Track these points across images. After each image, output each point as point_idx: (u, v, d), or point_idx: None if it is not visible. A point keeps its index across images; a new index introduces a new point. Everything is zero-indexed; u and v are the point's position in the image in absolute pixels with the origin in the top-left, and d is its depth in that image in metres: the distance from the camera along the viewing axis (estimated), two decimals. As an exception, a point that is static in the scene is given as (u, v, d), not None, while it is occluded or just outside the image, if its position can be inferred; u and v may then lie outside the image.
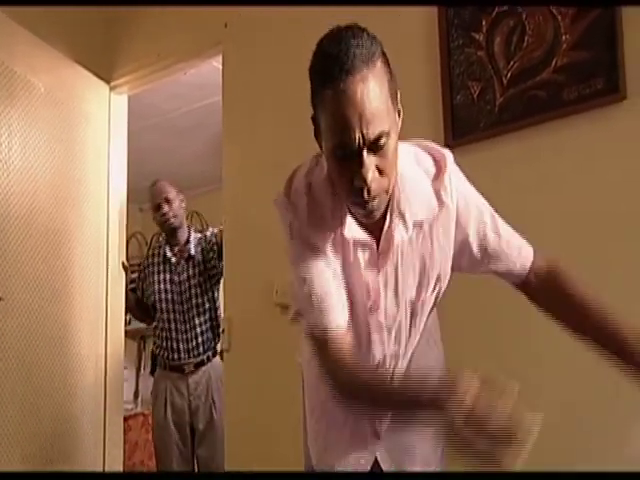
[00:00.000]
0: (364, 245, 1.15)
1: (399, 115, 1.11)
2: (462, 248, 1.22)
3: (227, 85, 2.78)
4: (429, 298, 1.23)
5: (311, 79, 1.05)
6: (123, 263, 3.16)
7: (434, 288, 1.22)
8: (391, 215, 1.13)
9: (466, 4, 2.11)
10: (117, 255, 3.14)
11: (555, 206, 1.95)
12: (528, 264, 1.29)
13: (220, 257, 2.99)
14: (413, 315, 1.23)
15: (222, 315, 2.73)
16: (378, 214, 1.09)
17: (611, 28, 1.84)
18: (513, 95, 2.00)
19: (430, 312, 1.28)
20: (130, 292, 3.22)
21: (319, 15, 2.47)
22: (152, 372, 3.30)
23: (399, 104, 1.10)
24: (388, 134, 1.02)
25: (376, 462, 1.32)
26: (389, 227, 1.13)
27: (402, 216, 1.13)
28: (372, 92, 1.00)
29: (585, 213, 1.90)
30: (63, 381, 2.76)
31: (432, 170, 1.17)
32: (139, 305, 3.22)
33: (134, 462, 4.22)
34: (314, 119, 1.08)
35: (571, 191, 1.93)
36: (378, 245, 1.15)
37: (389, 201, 1.11)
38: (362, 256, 1.16)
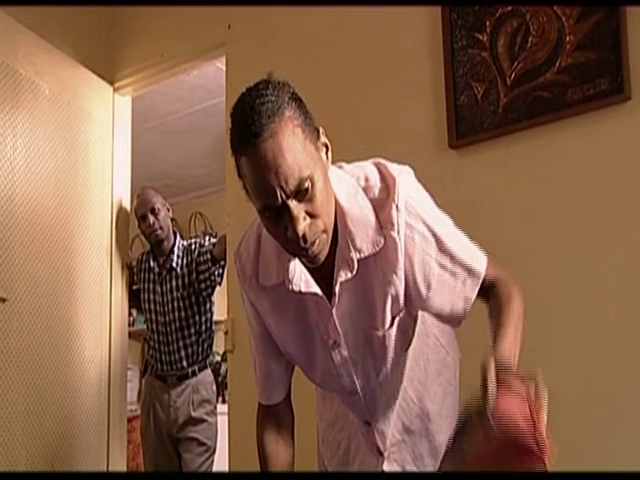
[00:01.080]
0: (312, 293, 1.14)
1: (327, 149, 1.08)
2: (407, 281, 1.15)
3: (230, 86, 2.78)
4: (391, 331, 1.19)
5: (231, 151, 1.04)
6: (127, 264, 3.17)
7: (392, 321, 1.18)
8: (337, 257, 1.11)
9: (469, 3, 2.11)
10: (121, 256, 3.14)
11: (560, 206, 1.95)
12: (475, 290, 1.17)
13: (215, 264, 2.97)
14: (378, 347, 1.21)
15: (226, 317, 2.73)
16: (322, 256, 1.07)
17: (616, 28, 1.84)
18: (517, 96, 2.00)
19: (407, 345, 1.25)
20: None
21: (323, 16, 2.48)
22: (143, 374, 3.31)
23: (322, 137, 1.07)
24: (311, 177, 1.00)
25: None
26: (337, 270, 1.12)
27: (346, 258, 1.10)
28: (284, 145, 0.98)
29: (589, 213, 1.90)
30: (67, 382, 2.76)
31: (380, 197, 1.11)
32: None
33: (137, 463, 4.22)
34: (245, 187, 1.08)
35: (576, 191, 1.93)
36: (329, 285, 1.13)
37: (335, 239, 1.10)
38: (313, 300, 1.16)
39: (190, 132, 4.32)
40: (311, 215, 1.03)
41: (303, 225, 1.02)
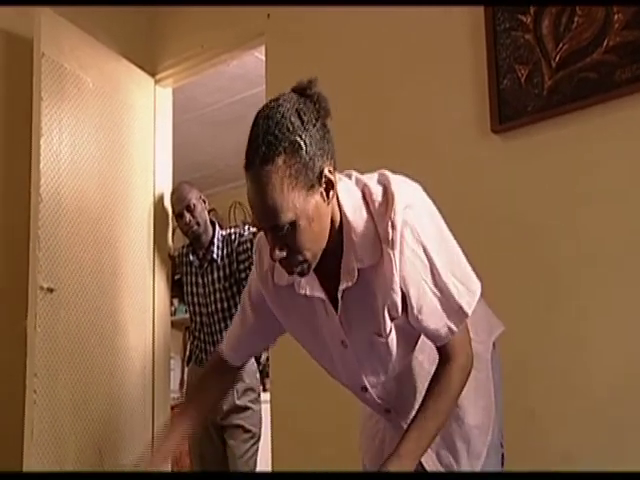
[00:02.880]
0: (317, 298, 1.19)
1: (329, 188, 1.09)
2: (403, 297, 1.17)
3: (270, 76, 2.79)
4: (392, 337, 1.21)
5: None
6: (169, 254, 3.21)
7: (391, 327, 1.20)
8: (343, 267, 1.15)
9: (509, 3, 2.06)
10: (163, 246, 3.18)
11: (608, 191, 1.90)
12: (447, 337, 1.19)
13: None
14: (383, 351, 1.23)
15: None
16: (307, 271, 1.13)
17: (667, 5, 1.78)
18: (562, 77, 1.95)
19: (413, 347, 1.27)
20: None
21: (360, 7, 2.45)
22: (187, 363, 3.35)
23: (328, 175, 1.08)
24: (291, 222, 1.05)
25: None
26: (342, 279, 1.15)
27: (349, 268, 1.14)
28: (268, 191, 1.04)
29: (637, 197, 1.85)
30: (112, 370, 2.82)
31: (379, 211, 1.13)
32: None
33: (180, 450, 4.28)
34: None
35: (625, 175, 1.88)
36: (336, 291, 1.17)
37: (341, 248, 1.14)
38: (321, 304, 1.20)
39: (229, 123, 4.34)
40: (289, 249, 1.08)
41: (277, 255, 1.09)
